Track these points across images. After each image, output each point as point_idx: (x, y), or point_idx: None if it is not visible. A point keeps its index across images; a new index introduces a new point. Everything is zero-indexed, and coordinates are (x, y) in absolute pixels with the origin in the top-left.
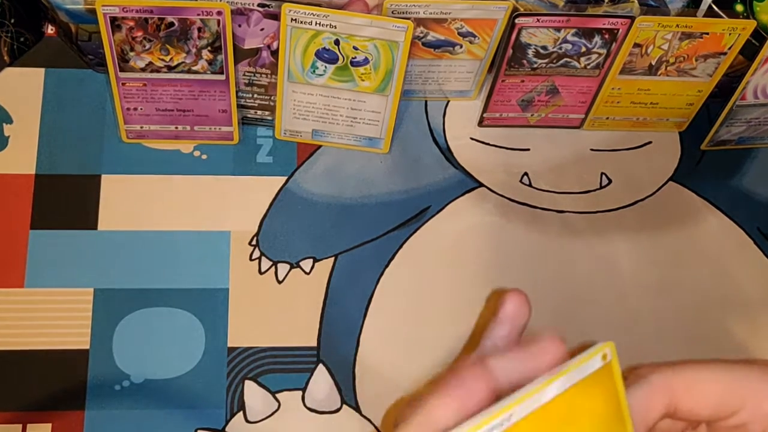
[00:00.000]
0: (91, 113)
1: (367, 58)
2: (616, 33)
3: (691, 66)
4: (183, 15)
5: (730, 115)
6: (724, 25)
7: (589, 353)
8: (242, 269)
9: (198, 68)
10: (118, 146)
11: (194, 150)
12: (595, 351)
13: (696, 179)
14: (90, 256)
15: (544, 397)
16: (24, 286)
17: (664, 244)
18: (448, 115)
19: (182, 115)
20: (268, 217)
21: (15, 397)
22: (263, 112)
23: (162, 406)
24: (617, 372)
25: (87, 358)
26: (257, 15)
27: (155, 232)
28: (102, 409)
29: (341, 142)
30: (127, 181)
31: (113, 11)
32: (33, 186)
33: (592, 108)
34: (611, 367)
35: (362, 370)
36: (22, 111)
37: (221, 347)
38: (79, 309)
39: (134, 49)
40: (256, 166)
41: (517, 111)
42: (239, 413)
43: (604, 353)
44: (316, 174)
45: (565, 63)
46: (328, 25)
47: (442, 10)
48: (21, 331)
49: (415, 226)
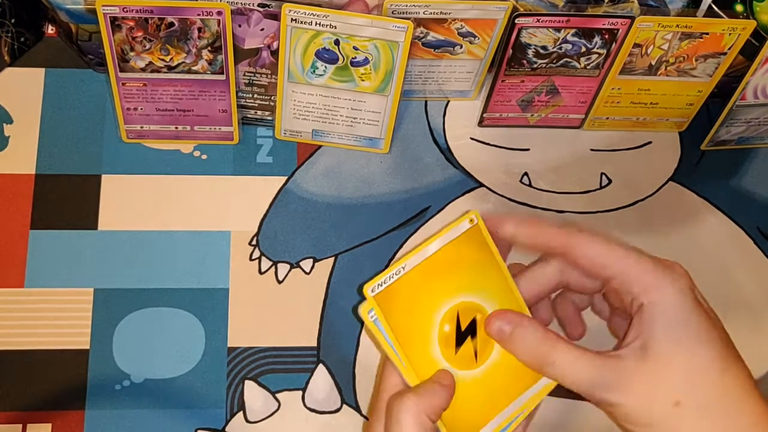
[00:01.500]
0: (91, 113)
1: (367, 58)
2: (616, 33)
3: (691, 66)
4: (183, 15)
5: (730, 115)
6: (724, 25)
7: (457, 219)
8: (242, 269)
9: (198, 68)
10: (118, 146)
11: (194, 150)
12: (462, 217)
13: (696, 179)
14: (90, 256)
15: (428, 252)
16: (24, 286)
17: (663, 244)
18: (448, 115)
19: (182, 115)
20: (268, 217)
21: (15, 397)
22: (263, 112)
23: (162, 406)
24: (485, 230)
25: (87, 358)
26: (257, 15)
27: (155, 232)
28: (102, 409)
29: (341, 142)
30: (127, 181)
31: (113, 11)
32: (33, 186)
33: (592, 108)
34: (479, 227)
35: (362, 370)
36: (22, 111)
37: (221, 347)
38: (79, 309)
39: (134, 49)
40: (256, 166)
41: (517, 111)
42: (239, 413)
43: (471, 218)
44: (316, 174)
45: (565, 63)
46: (328, 25)
47: (442, 10)
48: (21, 331)
49: (415, 226)
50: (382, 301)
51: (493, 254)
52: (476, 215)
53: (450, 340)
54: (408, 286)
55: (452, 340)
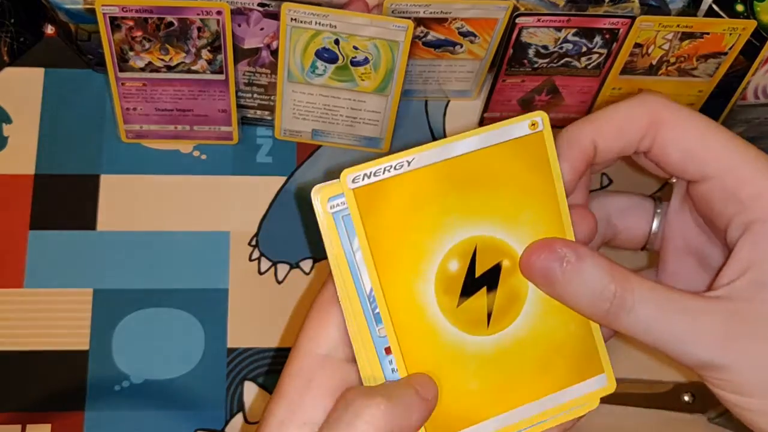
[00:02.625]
0: (91, 113)
1: (367, 58)
2: (616, 33)
3: (692, 66)
4: (183, 15)
5: (730, 115)
6: (724, 25)
7: (514, 119)
8: (242, 269)
9: (197, 68)
10: (118, 146)
11: (194, 150)
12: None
13: None
14: (89, 256)
15: (451, 152)
16: (23, 286)
17: None
18: (449, 115)
19: (182, 115)
20: (267, 218)
21: (15, 398)
22: (263, 112)
23: (161, 407)
24: (550, 141)
25: (86, 359)
26: (257, 14)
27: (155, 233)
28: (101, 410)
29: (341, 142)
30: (126, 181)
31: (113, 11)
32: (32, 186)
33: (593, 108)
34: (542, 135)
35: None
36: (21, 111)
37: (221, 348)
38: (78, 309)
39: (134, 48)
40: (255, 166)
41: (517, 111)
42: (239, 414)
43: (534, 121)
44: (316, 174)
45: (565, 63)
46: (328, 24)
47: (442, 10)
48: (20, 332)
49: None
50: (364, 199)
51: (553, 178)
52: (543, 117)
53: (455, 284)
54: (410, 188)
55: (457, 284)
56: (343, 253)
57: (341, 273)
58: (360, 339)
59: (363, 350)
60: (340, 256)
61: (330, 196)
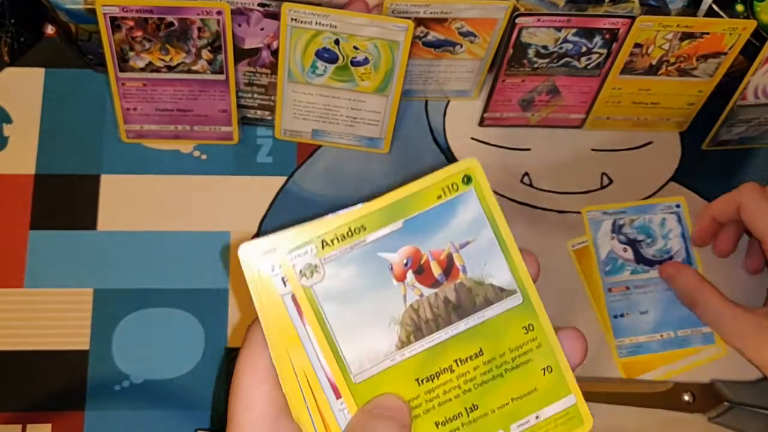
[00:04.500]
0: (91, 113)
1: (367, 58)
2: (616, 33)
3: (692, 66)
4: (183, 15)
5: (730, 115)
6: (724, 25)
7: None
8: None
9: (198, 68)
10: (118, 146)
11: (194, 150)
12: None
13: (697, 179)
14: (89, 256)
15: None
16: (23, 286)
17: None
18: (449, 114)
19: (182, 115)
20: (268, 218)
21: (15, 397)
22: (263, 112)
23: (161, 407)
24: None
25: (86, 359)
26: (257, 15)
27: (155, 233)
28: (102, 410)
29: (341, 142)
30: (126, 181)
31: (113, 11)
32: (32, 186)
33: (593, 108)
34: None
35: None
36: (22, 111)
37: (221, 347)
38: (78, 309)
39: (134, 48)
40: (256, 166)
41: (517, 111)
42: None
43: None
44: (316, 174)
45: (565, 63)
46: (328, 24)
47: (442, 10)
48: (20, 332)
49: None
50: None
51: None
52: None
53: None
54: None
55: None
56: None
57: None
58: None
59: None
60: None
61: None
